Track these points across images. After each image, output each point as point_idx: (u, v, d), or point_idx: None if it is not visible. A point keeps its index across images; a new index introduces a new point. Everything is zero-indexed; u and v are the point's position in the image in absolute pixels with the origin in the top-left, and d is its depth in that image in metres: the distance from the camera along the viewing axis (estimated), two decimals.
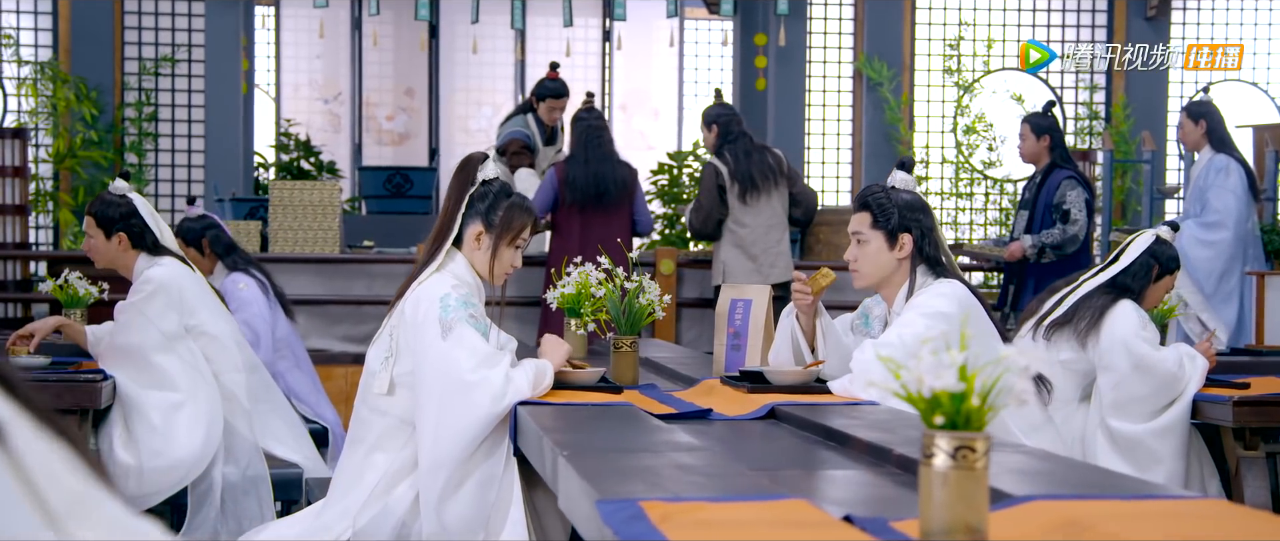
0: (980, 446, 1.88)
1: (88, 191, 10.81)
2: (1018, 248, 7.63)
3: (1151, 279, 5.20)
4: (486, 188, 3.90)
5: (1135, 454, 4.95)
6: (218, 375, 5.17)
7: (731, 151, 7.87)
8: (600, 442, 2.84)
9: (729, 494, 2.17)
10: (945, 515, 1.87)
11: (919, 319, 3.82)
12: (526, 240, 3.95)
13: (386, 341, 3.81)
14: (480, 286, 3.92)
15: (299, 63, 13.19)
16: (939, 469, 1.88)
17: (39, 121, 10.95)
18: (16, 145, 9.25)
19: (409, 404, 3.72)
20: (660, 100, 13.63)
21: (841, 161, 12.15)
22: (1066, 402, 5.18)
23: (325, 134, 13.01)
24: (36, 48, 11.20)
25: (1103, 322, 5.07)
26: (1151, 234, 5.26)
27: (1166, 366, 4.95)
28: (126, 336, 5.06)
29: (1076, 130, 12.23)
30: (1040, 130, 7.76)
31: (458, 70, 13.20)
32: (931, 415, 1.88)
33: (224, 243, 6.43)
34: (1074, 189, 7.54)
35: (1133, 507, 2.10)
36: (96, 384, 4.79)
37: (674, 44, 13.08)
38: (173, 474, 4.98)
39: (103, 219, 5.16)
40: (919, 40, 12.17)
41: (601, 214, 7.77)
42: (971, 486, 1.88)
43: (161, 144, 11.29)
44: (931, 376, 1.84)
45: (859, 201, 4.10)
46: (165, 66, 11.19)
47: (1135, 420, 4.98)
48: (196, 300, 5.17)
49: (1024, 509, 2.09)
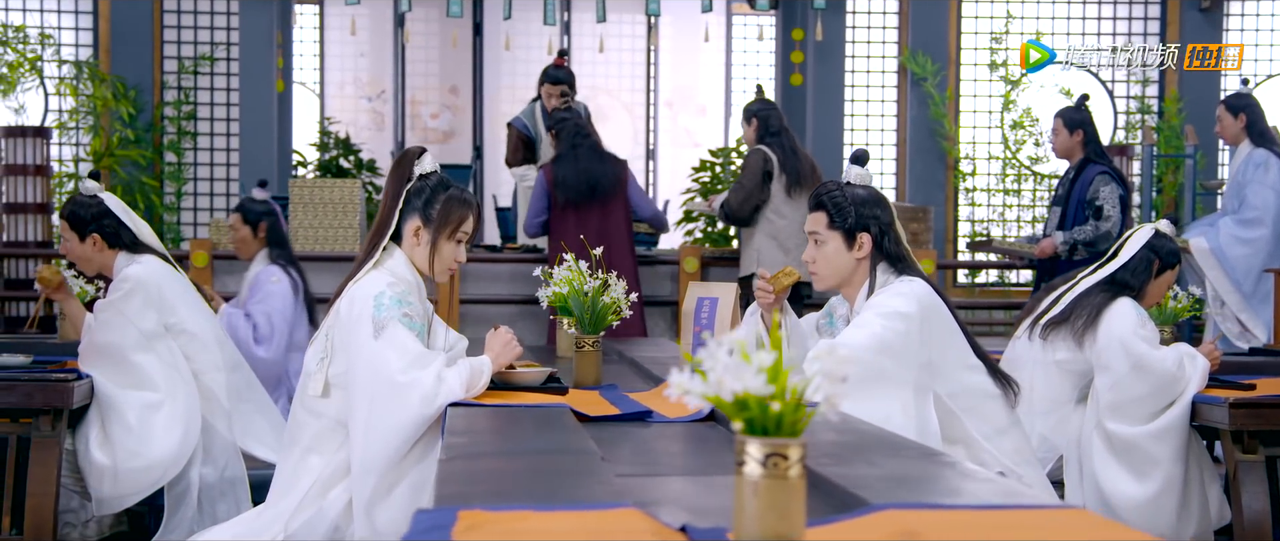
0: (793, 454, 1.75)
1: (126, 191, 10.84)
2: (1049, 244, 7.44)
3: (1151, 274, 5.03)
4: (423, 182, 3.81)
5: (1132, 457, 4.79)
6: (198, 374, 5.12)
7: (777, 144, 7.81)
8: (489, 446, 2.74)
9: (565, 503, 2.06)
10: (756, 527, 1.75)
11: (876, 319, 3.69)
12: (467, 233, 3.85)
13: (322, 341, 3.72)
14: (420, 284, 3.82)
15: (344, 61, 13.18)
16: (750, 477, 1.76)
17: (78, 120, 11.00)
18: (39, 144, 9.28)
19: (344, 405, 3.63)
20: (706, 97, 13.50)
21: (885, 158, 11.96)
22: (1062, 404, 5.03)
23: (369, 132, 12.99)
24: (77, 47, 11.25)
25: (1100, 321, 4.91)
26: (1150, 228, 5.08)
27: (1165, 366, 4.78)
28: (105, 335, 5.01)
29: (1127, 125, 11.98)
30: (1073, 124, 7.56)
31: (503, 68, 13.14)
32: (739, 419, 1.76)
33: (278, 233, 6.67)
34: (1108, 184, 7.33)
35: (989, 517, 1.97)
36: (68, 384, 4.74)
37: (711, 40, 12.92)
38: (149, 474, 4.93)
39: (75, 221, 5.12)
40: (965, 34, 11.96)
41: (597, 209, 7.72)
42: (784, 496, 1.75)
43: (200, 142, 11.31)
44: (731, 378, 1.71)
45: (814, 200, 3.97)
46: (204, 65, 11.22)
47: (1133, 422, 4.82)
48: (176, 297, 5.11)
49: (872, 518, 1.96)
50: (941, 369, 3.74)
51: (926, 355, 3.69)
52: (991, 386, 3.82)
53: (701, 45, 13.04)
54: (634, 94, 13.39)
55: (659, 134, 13.35)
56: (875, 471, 2.40)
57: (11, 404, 4.73)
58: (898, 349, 3.63)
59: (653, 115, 13.31)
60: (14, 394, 4.72)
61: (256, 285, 6.56)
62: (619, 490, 2.17)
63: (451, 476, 2.29)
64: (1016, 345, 5.16)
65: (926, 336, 3.70)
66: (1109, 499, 4.79)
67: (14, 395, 4.72)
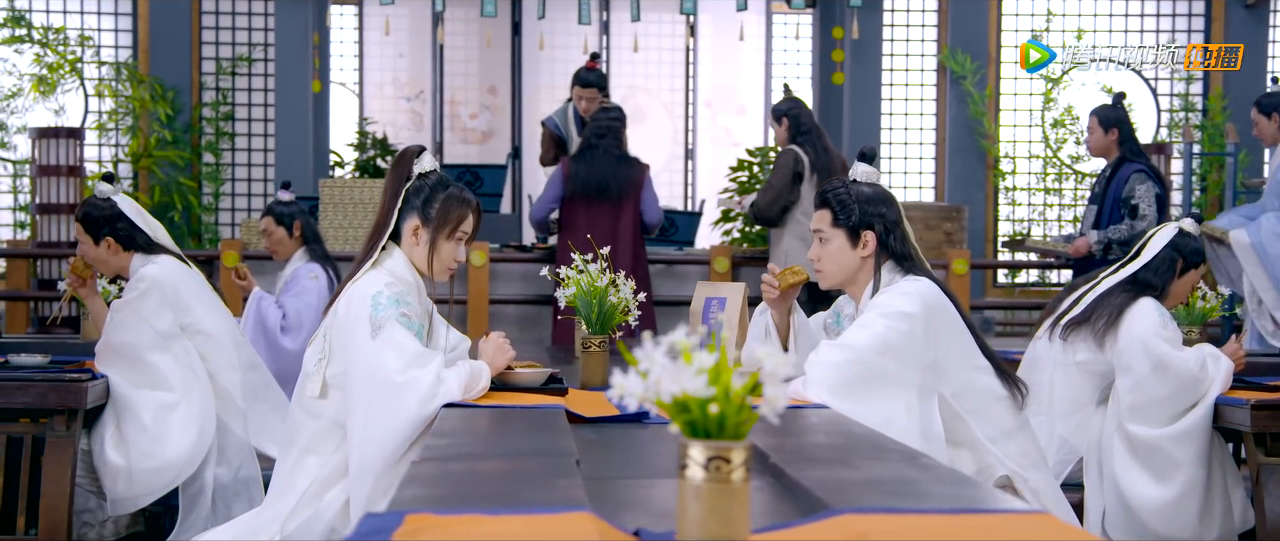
0: (737, 457, 1.71)
1: (163, 191, 10.90)
2: (1084, 243, 7.36)
3: (1175, 274, 4.95)
4: (422, 181, 3.78)
5: (1153, 460, 4.71)
6: (213, 374, 5.10)
7: (809, 144, 7.75)
8: (467, 449, 2.70)
9: (520, 507, 2.03)
10: (699, 531, 1.71)
11: (878, 319, 3.62)
12: (467, 232, 3.81)
13: (321, 342, 3.70)
14: (419, 284, 3.79)
15: (383, 62, 13.19)
16: (692, 481, 1.72)
17: (117, 121, 11.06)
18: (72, 145, 9.32)
19: (342, 406, 3.60)
20: (746, 96, 13.43)
21: (924, 157, 11.88)
22: (1083, 405, 4.95)
23: (407, 132, 12.99)
24: (117, 49, 11.32)
25: (1121, 321, 4.83)
26: (1174, 227, 5.00)
27: (1187, 367, 4.70)
28: (120, 335, 5.01)
29: (1170, 123, 11.84)
30: (1108, 123, 7.47)
31: (542, 68, 13.12)
32: (679, 421, 1.72)
33: (313, 230, 6.75)
34: (1143, 183, 7.25)
35: (948, 521, 1.92)
36: (82, 384, 4.74)
37: (747, 39, 12.85)
38: (163, 475, 4.92)
39: (89, 223, 5.12)
40: (1005, 31, 11.86)
41: (607, 208, 7.71)
42: (727, 500, 1.71)
43: (238, 143, 11.35)
44: (669, 379, 1.67)
45: (819, 198, 3.92)
46: (242, 66, 11.26)
47: (1154, 424, 4.73)
48: (192, 297, 5.10)
49: (827, 523, 1.92)
50: (947, 370, 3.67)
51: (931, 356, 3.63)
52: (999, 388, 3.75)
53: (741, 44, 12.98)
54: (673, 94, 13.35)
55: (698, 134, 13.30)
56: (851, 474, 2.36)
57: (26, 404, 4.74)
58: (901, 349, 3.57)
59: (692, 115, 13.26)
60: (29, 394, 4.73)
61: (294, 278, 6.61)
62: (585, 493, 2.13)
63: (417, 479, 2.26)
64: (1037, 345, 5.08)
65: (931, 337, 3.64)
66: (1130, 502, 4.71)
67: (29, 395, 4.73)
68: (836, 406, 3.43)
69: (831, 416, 3.23)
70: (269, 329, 6.34)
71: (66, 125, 10.41)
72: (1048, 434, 4.89)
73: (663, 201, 12.26)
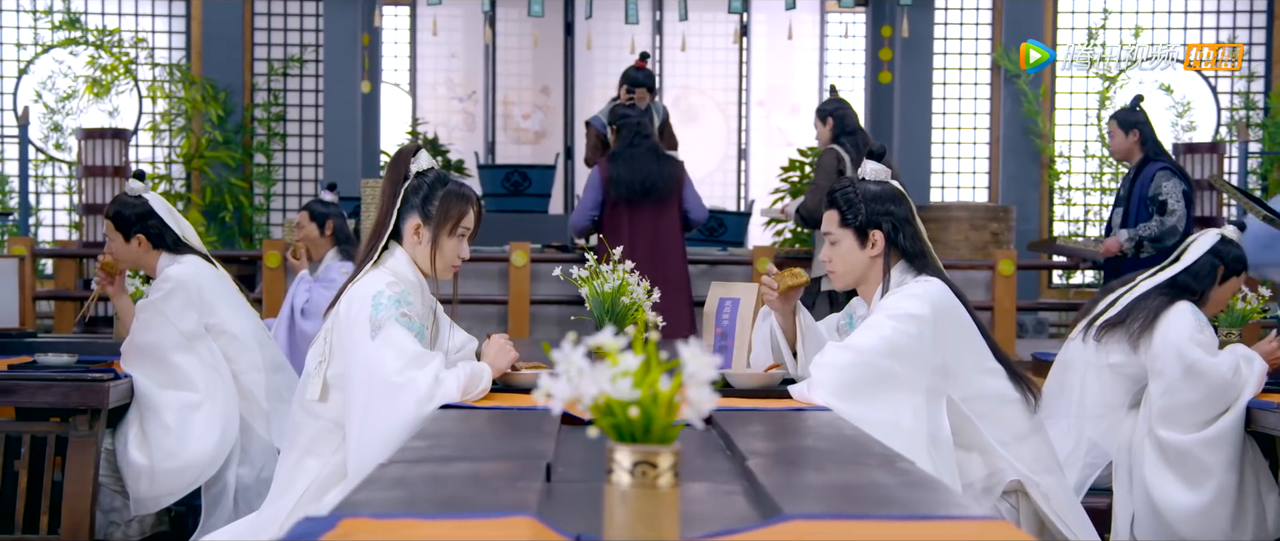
0: (663, 462, 1.66)
1: (215, 192, 10.96)
2: (1114, 243, 7.28)
3: (1215, 280, 4.84)
4: (421, 179, 3.74)
5: (1184, 465, 4.60)
6: (237, 375, 5.09)
7: (851, 144, 7.68)
8: (442, 452, 2.66)
9: (461, 511, 1.98)
10: (626, 537, 1.66)
11: (886, 321, 3.55)
12: (469, 228, 3.78)
13: (322, 343, 3.67)
14: (422, 284, 3.76)
15: (437, 62, 13.22)
16: (618, 486, 1.66)
17: (170, 123, 11.13)
18: (118, 146, 9.38)
19: (342, 407, 3.58)
20: (799, 95, 13.35)
21: (977, 157, 11.75)
22: (1115, 408, 4.84)
23: (460, 133, 13.02)
24: (170, 51, 11.39)
25: (1157, 324, 4.73)
26: (1216, 233, 4.89)
27: (1220, 372, 4.59)
28: (145, 335, 5.01)
29: (1231, 122, 11.64)
30: (1128, 125, 7.41)
31: (595, 68, 13.09)
32: (604, 425, 1.67)
33: (345, 232, 6.89)
34: (1170, 179, 7.16)
35: (900, 528, 1.87)
36: (104, 384, 4.74)
37: (795, 37, 12.76)
38: (185, 475, 4.92)
39: (120, 221, 5.14)
40: (1061, 29, 11.71)
41: (650, 209, 7.62)
42: (654, 507, 1.66)
43: (289, 144, 11.40)
44: (588, 382, 1.62)
45: (828, 198, 3.85)
46: (292, 67, 11.30)
47: (1185, 429, 4.63)
48: (217, 298, 5.09)
49: (775, 529, 1.87)
50: (956, 373, 3.60)
51: (940, 359, 3.55)
52: (1011, 391, 3.67)
53: (795, 43, 12.90)
54: (727, 94, 13.29)
55: (751, 133, 13.23)
56: (819, 479, 2.30)
57: (50, 403, 4.75)
58: (908, 352, 3.50)
59: (745, 115, 13.20)
60: (52, 393, 4.74)
61: (326, 269, 6.73)
62: (539, 498, 2.09)
63: (374, 482, 2.22)
64: (1070, 346, 4.99)
65: (940, 339, 3.56)
66: (1160, 508, 4.61)
67: (52, 394, 4.74)
68: (842, 409, 3.36)
69: (828, 420, 3.17)
70: (294, 307, 6.51)
71: (115, 126, 10.48)
72: (1077, 436, 4.80)
73: (715, 201, 12.23)
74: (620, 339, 1.67)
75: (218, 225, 11.04)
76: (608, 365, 1.64)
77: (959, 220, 8.86)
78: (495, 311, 8.41)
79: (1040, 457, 3.67)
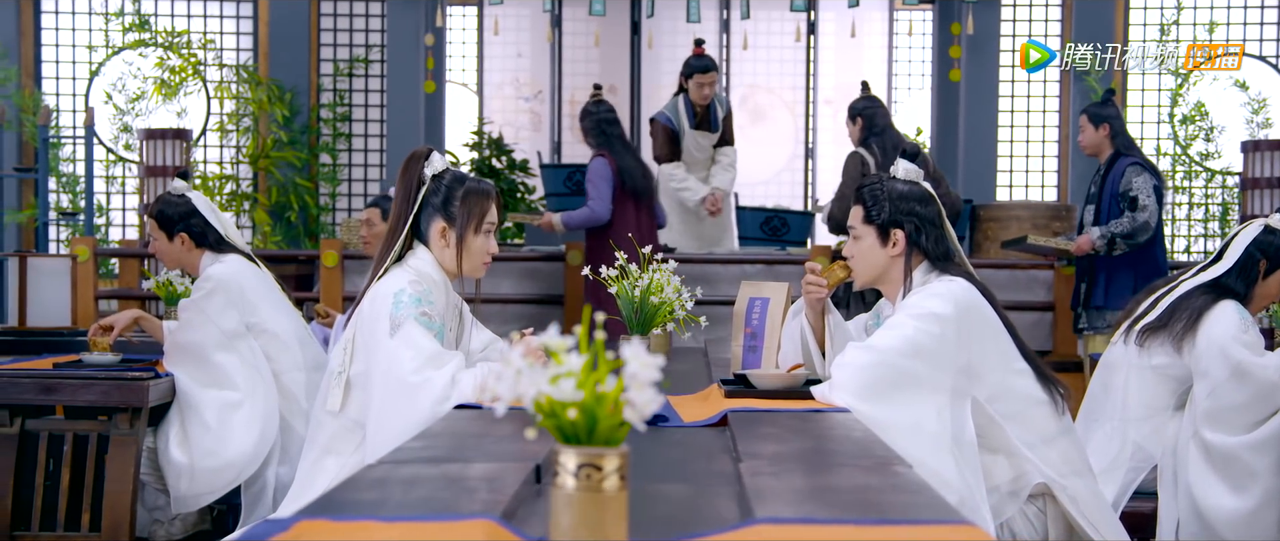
0: (609, 464, 1.62)
1: (281, 192, 11.04)
2: (1086, 241, 7.21)
3: (1258, 276, 4.73)
4: (438, 182, 3.74)
5: (1230, 468, 4.50)
6: (278, 374, 5.11)
7: (878, 145, 7.58)
8: (434, 453, 2.63)
9: (423, 513, 1.96)
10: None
11: (908, 321, 3.49)
12: (493, 223, 3.77)
13: (344, 346, 3.67)
14: (445, 283, 3.75)
15: (504, 62, 13.22)
16: (564, 489, 1.63)
17: (236, 123, 11.23)
18: (179, 146, 9.46)
19: (361, 405, 3.57)
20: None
21: (1047, 156, 11.59)
22: (1158, 411, 4.74)
23: (526, 132, 13.01)
24: (238, 52, 11.49)
25: (1200, 325, 4.62)
26: (1259, 224, 4.78)
27: (1267, 374, 4.48)
28: (187, 334, 5.05)
29: None
30: (1099, 119, 7.33)
31: (660, 67, 13.05)
32: (547, 425, 1.64)
33: None
34: (1140, 175, 7.09)
35: (867, 532, 1.82)
36: (145, 382, 4.77)
37: (857, 35, 12.64)
38: (224, 474, 4.94)
39: (163, 220, 5.17)
40: (1133, 26, 11.53)
41: (646, 204, 7.75)
42: (598, 510, 1.63)
43: (355, 144, 11.46)
44: (526, 383, 1.59)
45: (855, 193, 3.80)
46: (358, 67, 11.36)
47: (1231, 431, 4.52)
48: (258, 297, 5.11)
49: (739, 533, 1.83)
50: (981, 373, 3.53)
51: (964, 359, 3.48)
52: (1038, 392, 3.59)
53: (862, 41, 12.79)
54: (794, 93, 13.20)
55: (818, 132, 13.14)
56: (805, 482, 2.26)
57: (91, 401, 4.79)
58: (931, 352, 3.43)
59: (812, 113, 13.10)
60: (93, 391, 4.77)
61: None
62: (508, 501, 2.06)
63: (354, 483, 2.20)
64: (1113, 349, 4.89)
65: (964, 339, 3.49)
66: (1204, 512, 4.51)
67: (93, 393, 4.77)
68: (863, 410, 3.30)
69: (842, 421, 3.11)
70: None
71: (179, 127, 10.57)
72: (1121, 440, 4.71)
73: (782, 201, 12.16)
74: (567, 338, 1.64)
75: (283, 225, 11.11)
76: (552, 365, 1.61)
77: (1020, 219, 8.74)
78: (553, 311, 8.41)
79: (1068, 460, 3.59)
